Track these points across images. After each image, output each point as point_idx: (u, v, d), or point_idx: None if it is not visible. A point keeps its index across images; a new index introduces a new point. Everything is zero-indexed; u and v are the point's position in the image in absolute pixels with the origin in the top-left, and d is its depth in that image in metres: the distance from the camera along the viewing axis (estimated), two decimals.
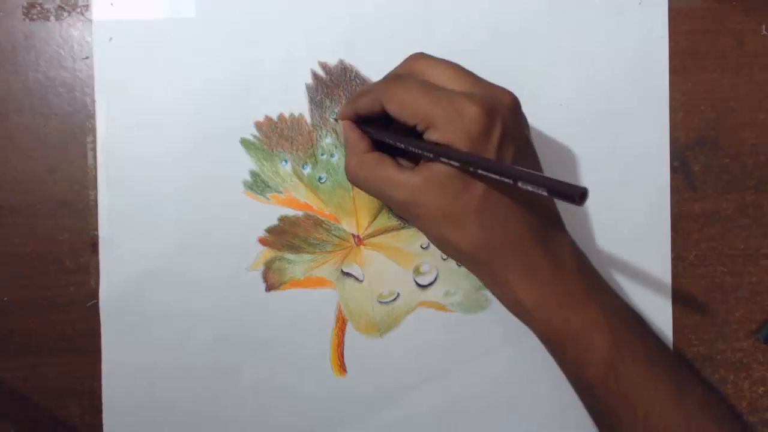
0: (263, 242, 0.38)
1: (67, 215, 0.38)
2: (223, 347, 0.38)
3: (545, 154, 0.38)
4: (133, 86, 0.38)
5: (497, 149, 0.29)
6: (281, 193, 0.38)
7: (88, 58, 0.38)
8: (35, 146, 0.38)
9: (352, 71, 0.38)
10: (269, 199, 0.38)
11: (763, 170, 0.39)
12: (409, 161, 0.33)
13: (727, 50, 0.39)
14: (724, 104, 0.39)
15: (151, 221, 0.38)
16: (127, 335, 0.38)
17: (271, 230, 0.38)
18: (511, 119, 0.30)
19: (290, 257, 0.38)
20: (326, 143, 0.38)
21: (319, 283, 0.38)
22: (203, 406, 0.38)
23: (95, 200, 0.38)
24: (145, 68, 0.38)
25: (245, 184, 0.38)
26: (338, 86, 0.38)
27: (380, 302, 0.39)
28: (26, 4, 0.38)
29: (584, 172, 0.38)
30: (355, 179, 0.33)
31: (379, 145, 0.33)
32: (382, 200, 0.33)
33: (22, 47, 0.38)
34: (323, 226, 0.38)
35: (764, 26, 0.39)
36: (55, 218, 0.38)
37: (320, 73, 0.38)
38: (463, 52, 0.38)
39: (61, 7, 0.38)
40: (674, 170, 0.39)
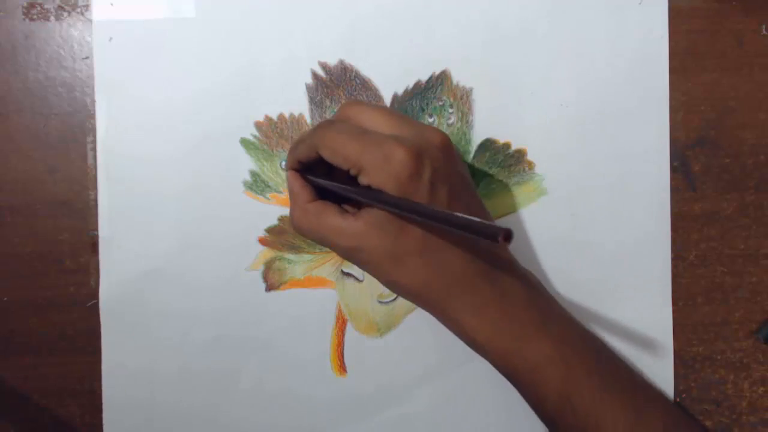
0: (263, 242, 0.38)
1: (67, 215, 0.38)
2: (222, 347, 0.38)
3: (545, 153, 0.38)
4: (133, 86, 0.38)
5: (429, 191, 0.29)
6: (281, 193, 0.38)
7: (88, 58, 0.38)
8: (35, 146, 0.38)
9: (352, 71, 0.38)
10: (269, 199, 0.38)
11: (763, 170, 0.39)
12: (353, 207, 0.33)
13: (727, 50, 0.39)
14: (724, 104, 0.39)
15: (151, 221, 0.38)
16: (127, 335, 0.38)
17: (271, 230, 0.38)
18: (441, 159, 0.30)
19: (290, 257, 0.38)
20: None
21: (319, 283, 0.38)
22: (203, 406, 0.38)
23: (95, 200, 0.38)
24: (145, 68, 0.38)
25: (245, 184, 0.38)
26: (338, 86, 0.38)
27: (380, 302, 0.39)
28: (26, 4, 0.38)
29: (584, 172, 0.38)
30: (299, 230, 0.33)
31: (325, 192, 0.33)
32: (328, 248, 0.33)
33: (22, 47, 0.38)
34: None
35: (764, 26, 0.39)
36: (55, 218, 0.38)
37: (320, 73, 0.38)
38: (463, 52, 0.38)
39: (61, 7, 0.38)
40: (674, 170, 0.39)
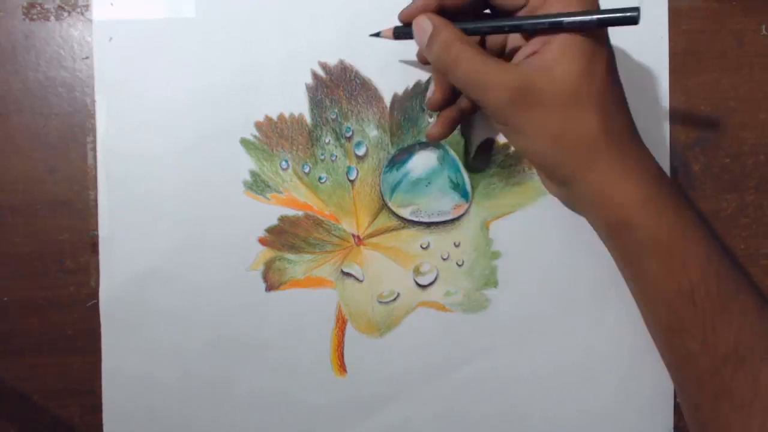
0: (263, 242, 0.38)
1: (67, 215, 0.38)
2: (222, 347, 0.38)
3: None
4: (133, 86, 0.38)
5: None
6: (281, 193, 0.38)
7: (88, 58, 0.38)
8: (35, 146, 0.38)
9: (352, 71, 0.38)
10: (269, 199, 0.38)
11: (763, 170, 0.39)
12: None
13: (727, 50, 0.39)
14: (724, 104, 0.39)
15: (151, 221, 0.38)
16: (127, 335, 0.38)
17: (271, 230, 0.38)
18: None
19: (290, 257, 0.38)
20: (326, 143, 0.38)
21: (319, 283, 0.38)
22: (203, 405, 0.38)
23: (95, 200, 0.38)
24: (145, 68, 0.38)
25: (245, 184, 0.38)
26: (338, 86, 0.38)
27: (380, 302, 0.39)
28: (26, 4, 0.38)
29: None
30: (451, 67, 0.30)
31: None
32: (480, 94, 0.30)
33: (22, 47, 0.38)
34: (323, 226, 0.38)
35: (764, 26, 0.39)
36: (55, 218, 0.38)
37: (320, 73, 0.38)
38: None
39: (61, 7, 0.38)
40: (674, 170, 0.39)
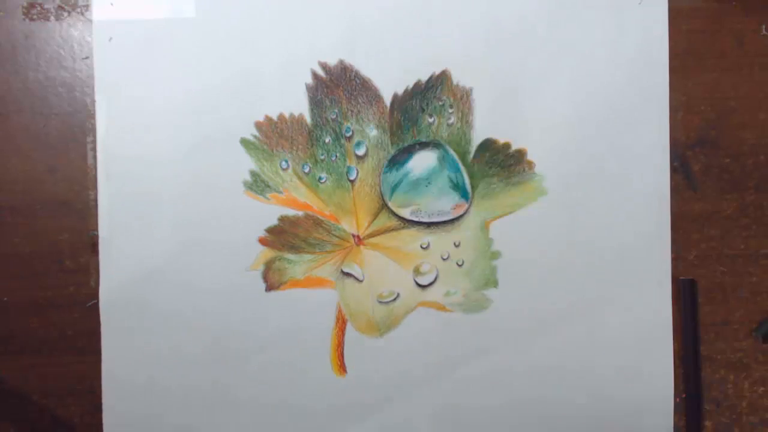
0: (263, 242, 0.38)
1: (67, 215, 0.38)
2: (222, 347, 0.38)
3: (545, 153, 0.38)
4: (133, 86, 0.38)
5: None
6: (281, 193, 0.38)
7: (88, 58, 0.38)
8: (35, 146, 0.38)
9: (352, 71, 0.38)
10: (269, 199, 0.38)
11: (763, 170, 0.39)
12: None
13: (727, 50, 0.39)
14: (724, 104, 0.39)
15: (151, 221, 0.38)
16: (126, 335, 0.38)
17: (271, 230, 0.38)
18: None
19: (290, 257, 0.38)
20: (326, 143, 0.38)
21: (319, 283, 0.38)
22: (203, 405, 0.38)
23: (95, 200, 0.38)
24: (145, 68, 0.38)
25: (245, 184, 0.38)
26: (338, 86, 0.38)
27: (380, 302, 0.39)
28: (26, 4, 0.38)
29: (584, 172, 0.38)
30: None
31: None
32: None
33: (22, 47, 0.38)
34: (323, 226, 0.38)
35: (764, 26, 0.39)
36: (55, 218, 0.38)
37: (320, 73, 0.38)
38: (463, 52, 0.38)
39: (61, 7, 0.38)
40: (674, 170, 0.39)
